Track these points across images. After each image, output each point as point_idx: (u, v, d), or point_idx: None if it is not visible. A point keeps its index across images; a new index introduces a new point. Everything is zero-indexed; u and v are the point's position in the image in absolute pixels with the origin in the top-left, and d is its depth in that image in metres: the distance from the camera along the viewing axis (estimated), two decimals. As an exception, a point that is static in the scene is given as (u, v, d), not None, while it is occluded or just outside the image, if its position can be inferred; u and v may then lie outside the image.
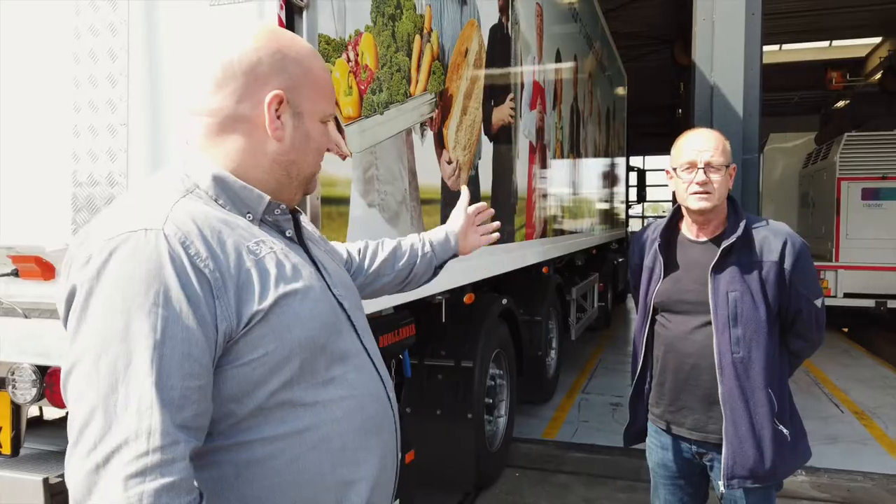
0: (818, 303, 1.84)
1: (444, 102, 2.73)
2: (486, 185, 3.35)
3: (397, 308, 2.55)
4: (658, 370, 1.98)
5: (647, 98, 19.91)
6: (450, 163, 2.80)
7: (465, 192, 1.64)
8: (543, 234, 4.78)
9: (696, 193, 1.83)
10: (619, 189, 10.05)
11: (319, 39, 1.80)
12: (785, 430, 1.83)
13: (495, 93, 3.49)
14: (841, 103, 22.65)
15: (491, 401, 3.93)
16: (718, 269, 1.84)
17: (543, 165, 4.73)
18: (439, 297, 2.99)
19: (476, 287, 4.46)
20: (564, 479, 4.08)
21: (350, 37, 1.98)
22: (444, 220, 2.74)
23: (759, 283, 1.81)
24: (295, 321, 0.90)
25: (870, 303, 9.33)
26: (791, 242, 1.83)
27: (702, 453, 1.94)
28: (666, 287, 1.93)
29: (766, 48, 15.80)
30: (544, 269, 5.17)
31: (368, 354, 1.06)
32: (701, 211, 1.85)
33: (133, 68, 1.66)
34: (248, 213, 0.97)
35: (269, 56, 0.97)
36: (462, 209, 1.62)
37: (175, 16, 1.66)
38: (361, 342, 1.05)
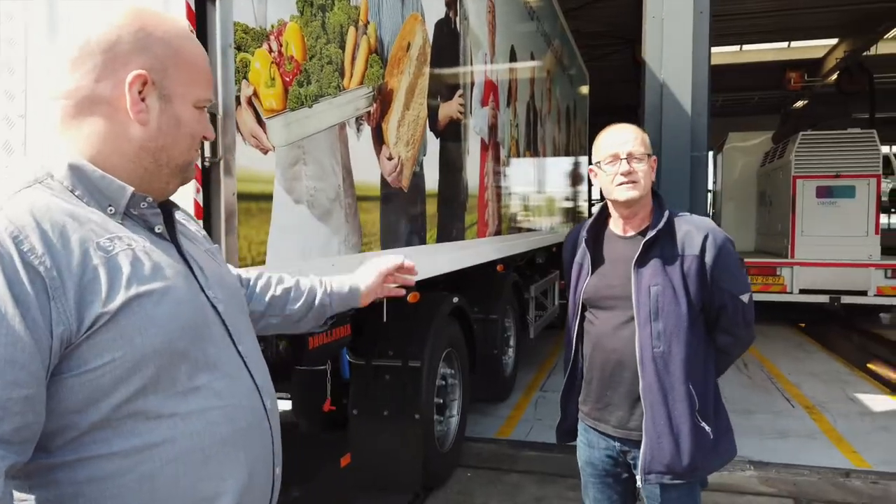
0: (744, 298, 1.82)
1: (383, 97, 2.67)
2: (432, 182, 3.30)
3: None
4: (586, 367, 1.96)
5: (612, 97, 20.10)
6: (390, 159, 2.74)
7: (397, 259, 1.52)
8: (498, 232, 4.75)
9: (622, 184, 1.82)
10: (582, 188, 10.07)
11: (236, 28, 1.72)
12: (707, 427, 1.81)
13: (442, 89, 3.44)
14: (800, 103, 23.16)
15: (441, 401, 3.88)
16: (641, 262, 1.83)
17: (497, 163, 4.70)
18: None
19: (428, 285, 4.41)
20: (516, 479, 4.05)
21: (272, 26, 1.90)
22: (383, 217, 2.69)
23: (681, 278, 1.80)
24: (148, 324, 0.83)
25: (824, 299, 9.52)
26: (713, 237, 1.81)
27: (626, 451, 1.92)
28: (593, 283, 1.91)
29: (726, 49, 16.04)
30: (499, 267, 5.14)
31: (244, 362, 0.99)
32: (628, 202, 1.85)
33: (31, 56, 1.57)
34: (110, 205, 0.90)
35: (131, 34, 0.90)
36: (377, 270, 1.50)
37: (75, 4, 1.57)
38: (237, 348, 0.98)
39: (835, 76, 18.04)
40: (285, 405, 4.82)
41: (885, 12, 14.02)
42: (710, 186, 15.12)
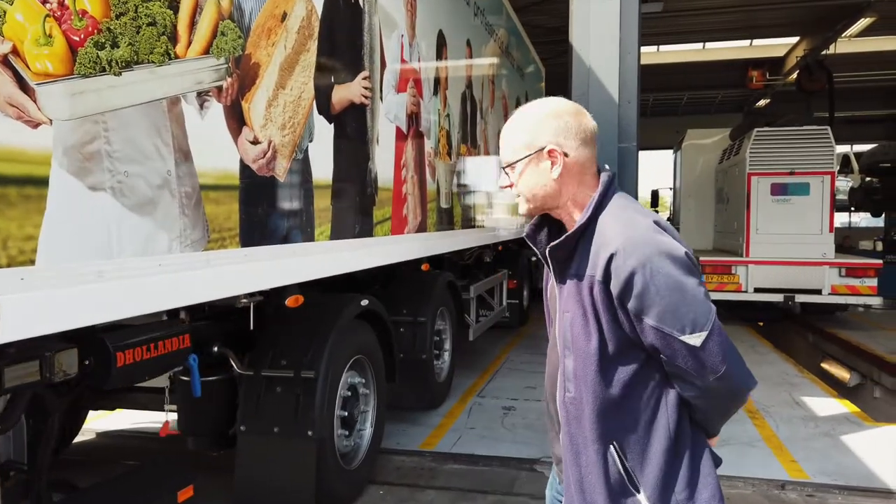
0: (689, 340, 1.30)
1: (243, 71, 2.33)
2: (323, 172, 2.96)
3: (172, 314, 2.13)
4: None
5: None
6: (256, 143, 2.40)
7: None
8: (422, 229, 4.43)
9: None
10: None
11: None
12: None
13: (338, 69, 3.11)
14: (762, 102, 23.29)
15: (347, 413, 3.54)
16: (561, 279, 1.45)
17: (420, 154, 4.38)
18: (245, 301, 2.57)
19: (332, 285, 4.08)
20: (432, 496, 3.73)
21: (49, -29, 1.55)
22: (244, 210, 2.34)
23: (591, 304, 1.38)
24: None
25: (779, 298, 9.38)
26: (622, 258, 1.32)
27: None
28: (550, 284, 1.57)
29: (689, 46, 15.91)
30: (424, 267, 4.82)
31: None
32: (528, 215, 1.52)
33: None
34: None
35: None
36: None
37: None
38: None
39: (795, 74, 18.09)
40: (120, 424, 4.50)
41: (842, 10, 14.03)
42: (671, 185, 15.02)
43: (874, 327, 9.53)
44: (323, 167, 2.97)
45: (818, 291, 9.25)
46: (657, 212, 17.19)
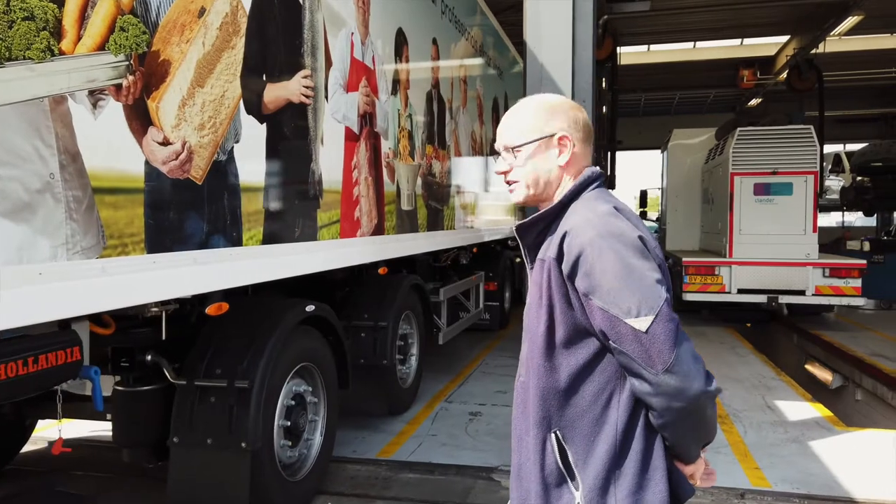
0: (634, 323, 1.24)
1: (149, 69, 2.22)
2: (253, 175, 2.85)
3: (63, 324, 2.02)
4: None
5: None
6: (166, 144, 2.29)
7: None
8: (379, 232, 4.32)
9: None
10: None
11: None
12: None
13: (271, 67, 3.00)
14: (754, 101, 23.22)
15: (290, 423, 3.43)
16: (531, 264, 1.49)
17: (377, 155, 4.27)
18: (155, 310, 2.47)
19: (292, 289, 3.98)
20: (381, 507, 3.63)
21: None
22: (151, 214, 2.23)
23: (547, 288, 1.37)
24: None
25: (762, 299, 9.28)
26: (573, 236, 1.33)
27: None
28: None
29: (679, 46, 15.85)
30: (381, 270, 4.71)
31: None
32: (523, 205, 1.53)
33: None
34: None
35: None
36: None
37: None
38: None
39: (785, 73, 18.02)
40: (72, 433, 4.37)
41: (830, 8, 13.95)
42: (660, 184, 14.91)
43: (860, 328, 9.45)
44: (253, 169, 2.86)
45: (802, 292, 9.15)
46: (645, 212, 17.03)
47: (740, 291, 9.36)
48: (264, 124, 2.94)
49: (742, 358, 7.34)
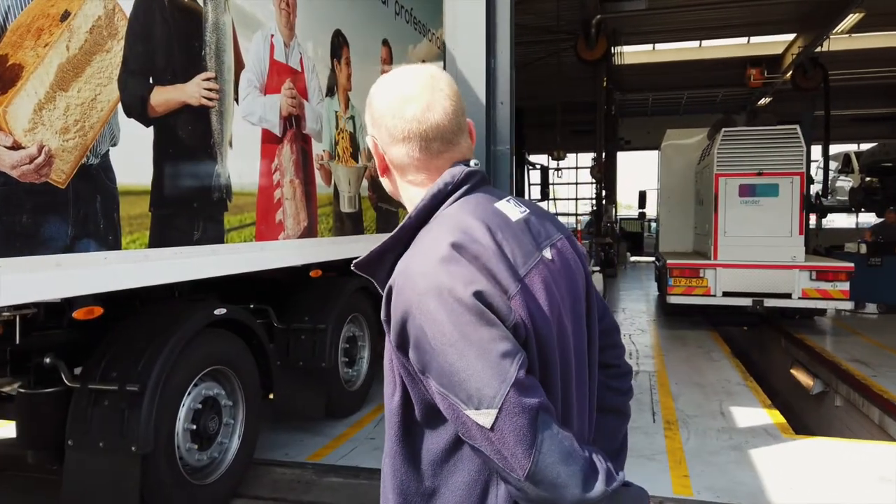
0: (475, 417, 0.93)
1: (-7, 73, 2.22)
2: (134, 176, 2.84)
3: None
4: None
5: (574, 94, 19.71)
6: (17, 148, 2.29)
7: None
8: (310, 234, 4.30)
9: None
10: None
11: None
12: None
13: (159, 70, 2.99)
14: (764, 101, 22.88)
15: (196, 426, 3.42)
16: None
17: (305, 157, 4.25)
18: (7, 315, 2.46)
19: (231, 289, 3.99)
20: (293, 512, 3.61)
21: None
22: (-4, 219, 2.23)
23: (392, 349, 1.05)
24: None
25: (747, 302, 9.10)
26: (397, 290, 1.01)
27: None
28: None
29: (685, 45, 15.69)
30: (313, 273, 4.69)
31: None
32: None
33: None
34: None
35: None
36: None
37: None
38: None
39: (790, 73, 17.74)
40: (9, 433, 4.38)
41: (832, 5, 13.69)
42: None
43: (850, 333, 9.22)
44: (135, 172, 2.85)
45: (788, 295, 8.96)
46: (644, 213, 16.96)
47: (725, 294, 9.20)
48: (151, 127, 2.93)
49: (714, 363, 7.20)
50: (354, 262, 1.12)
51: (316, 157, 4.40)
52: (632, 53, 18.75)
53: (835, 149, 18.87)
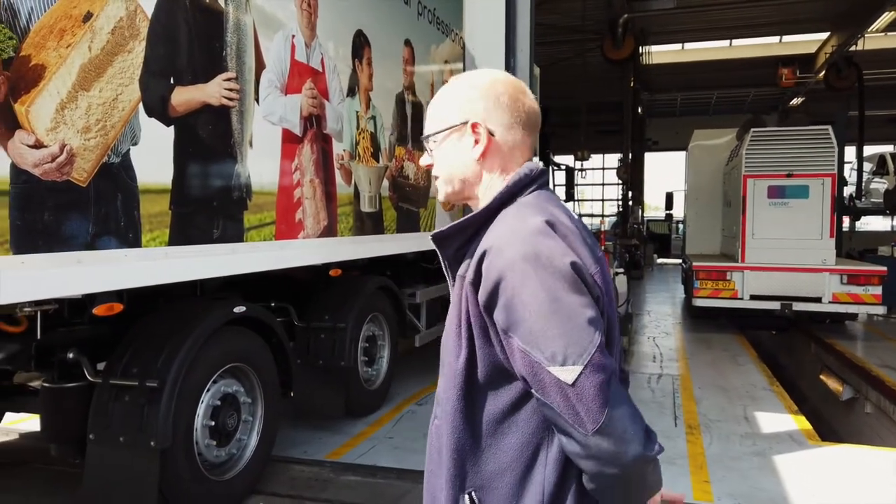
0: (558, 373, 1.02)
1: (16, 74, 2.27)
2: (155, 175, 2.88)
3: None
4: None
5: (600, 94, 19.56)
6: (39, 147, 2.34)
7: None
8: (329, 234, 4.32)
9: None
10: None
11: None
12: None
13: (181, 70, 3.03)
14: (796, 100, 22.44)
15: (214, 422, 3.46)
16: (452, 281, 1.24)
17: (326, 157, 4.27)
18: (28, 310, 2.51)
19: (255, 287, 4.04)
20: (310, 509, 3.63)
21: None
22: (13, 214, 2.28)
23: (466, 315, 1.14)
24: None
25: (775, 305, 8.94)
26: (494, 254, 1.09)
27: None
28: None
29: (715, 44, 15.48)
30: (332, 272, 4.71)
31: None
32: (446, 203, 1.32)
33: None
34: None
35: None
36: None
37: None
38: None
39: (824, 72, 17.38)
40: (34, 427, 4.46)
41: (867, 3, 13.37)
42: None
43: (882, 339, 9.00)
44: (156, 171, 2.89)
45: (818, 299, 8.79)
46: (671, 214, 16.75)
47: (753, 298, 9.05)
48: (171, 127, 2.97)
49: (739, 367, 7.07)
50: (433, 233, 1.22)
51: (336, 156, 4.42)
52: (660, 53, 18.55)
53: (869, 150, 18.44)
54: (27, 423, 4.97)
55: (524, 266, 1.05)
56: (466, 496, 1.14)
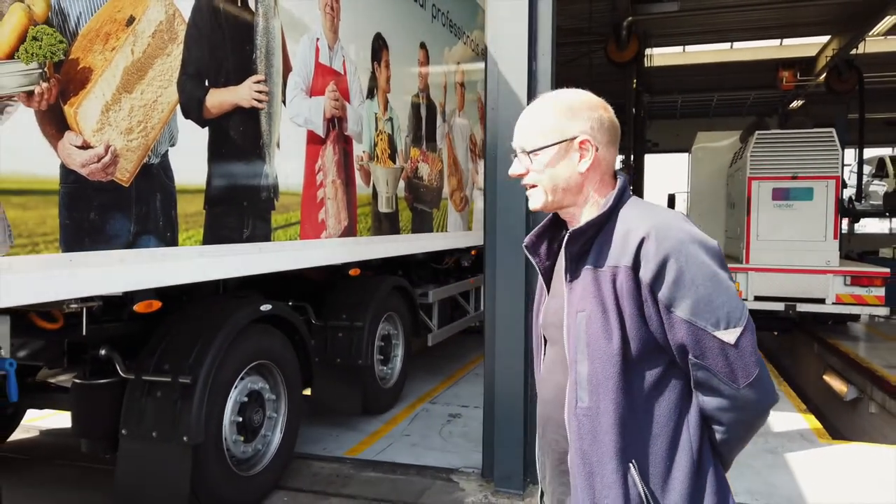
0: (723, 336, 1.19)
1: (66, 76, 2.33)
2: (190, 176, 2.94)
3: None
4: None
5: (602, 96, 19.62)
6: (86, 147, 2.40)
7: None
8: (349, 233, 4.39)
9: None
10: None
11: None
12: None
13: (215, 73, 3.09)
14: (796, 103, 22.54)
15: (242, 419, 3.52)
16: (573, 275, 1.33)
17: (346, 158, 4.34)
18: (75, 306, 2.57)
19: (275, 286, 4.10)
20: (335, 504, 3.69)
21: None
22: (69, 214, 2.34)
23: (614, 300, 1.26)
24: None
25: (779, 306, 9.02)
26: (655, 239, 1.23)
27: None
28: (546, 305, 1.46)
29: (715, 47, 15.54)
30: (352, 272, 4.77)
31: None
32: (541, 210, 1.40)
33: None
34: None
35: None
36: None
37: None
38: None
39: (824, 75, 17.48)
40: (65, 423, 4.51)
41: (869, 7, 13.47)
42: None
43: (885, 340, 9.08)
44: (191, 171, 2.96)
45: (822, 300, 8.86)
46: (673, 216, 17.03)
47: (757, 298, 9.12)
48: (206, 128, 3.03)
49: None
50: (573, 230, 1.33)
51: (356, 157, 4.49)
52: (661, 55, 18.64)
53: (869, 152, 18.55)
54: (47, 420, 5.02)
55: (688, 248, 1.22)
56: (631, 466, 1.26)
